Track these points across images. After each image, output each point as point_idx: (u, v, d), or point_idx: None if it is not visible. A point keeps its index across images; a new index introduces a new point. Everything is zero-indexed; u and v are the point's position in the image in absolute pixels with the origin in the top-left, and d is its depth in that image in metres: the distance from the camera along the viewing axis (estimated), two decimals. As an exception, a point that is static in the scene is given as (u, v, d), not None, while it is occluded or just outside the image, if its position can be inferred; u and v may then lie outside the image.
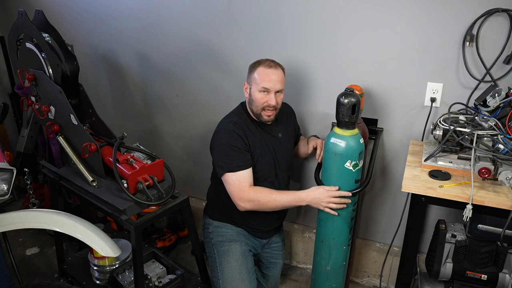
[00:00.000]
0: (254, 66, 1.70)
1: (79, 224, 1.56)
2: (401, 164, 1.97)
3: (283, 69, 1.72)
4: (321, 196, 1.60)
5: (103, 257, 1.95)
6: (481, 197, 1.37)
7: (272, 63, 1.69)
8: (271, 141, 1.77)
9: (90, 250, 1.98)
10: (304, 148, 1.95)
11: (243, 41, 2.09)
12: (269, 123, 1.77)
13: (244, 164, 1.66)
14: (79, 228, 1.55)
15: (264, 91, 1.67)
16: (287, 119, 1.90)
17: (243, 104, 1.81)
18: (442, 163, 1.57)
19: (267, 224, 1.88)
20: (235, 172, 1.65)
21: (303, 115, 2.11)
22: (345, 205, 1.61)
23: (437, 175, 1.51)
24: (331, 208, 1.62)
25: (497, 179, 1.39)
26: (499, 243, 1.58)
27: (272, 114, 1.71)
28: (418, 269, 1.89)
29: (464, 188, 1.42)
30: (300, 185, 2.29)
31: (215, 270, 1.83)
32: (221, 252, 1.82)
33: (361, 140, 1.59)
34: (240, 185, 1.65)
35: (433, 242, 1.74)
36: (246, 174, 1.66)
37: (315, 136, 1.95)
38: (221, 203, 1.86)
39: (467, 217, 1.37)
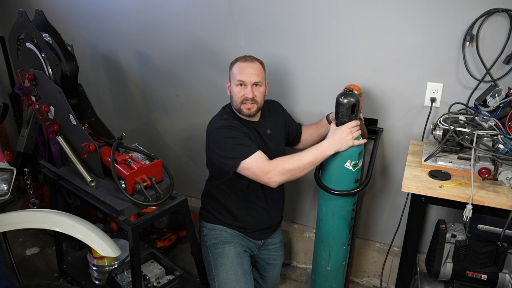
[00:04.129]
0: (232, 63, 1.72)
1: (79, 224, 1.56)
2: (401, 164, 1.96)
3: (261, 63, 1.72)
4: (343, 134, 1.52)
5: (102, 257, 1.96)
6: (481, 197, 1.37)
7: (249, 58, 1.70)
8: (260, 138, 1.77)
9: (89, 250, 1.98)
10: (322, 129, 1.90)
11: (243, 41, 2.09)
12: (252, 117, 1.75)
13: (253, 146, 1.62)
14: (79, 228, 1.55)
15: (240, 85, 1.67)
16: (275, 116, 1.88)
17: (226, 107, 1.81)
18: (442, 163, 1.57)
19: (259, 223, 1.87)
20: (249, 156, 1.58)
21: (302, 114, 2.10)
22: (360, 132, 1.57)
23: (437, 175, 1.51)
24: (357, 139, 1.54)
25: (497, 179, 1.38)
26: (499, 243, 1.57)
27: (252, 107, 1.69)
28: (418, 269, 1.89)
29: (464, 188, 1.42)
30: (300, 185, 2.29)
31: (211, 273, 1.82)
32: (216, 254, 1.81)
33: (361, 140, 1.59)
34: (258, 163, 1.57)
35: (433, 242, 1.74)
36: (259, 153, 1.60)
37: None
38: (213, 206, 1.86)
39: (467, 217, 1.36)
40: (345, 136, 1.53)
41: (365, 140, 1.59)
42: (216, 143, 1.66)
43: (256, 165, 1.57)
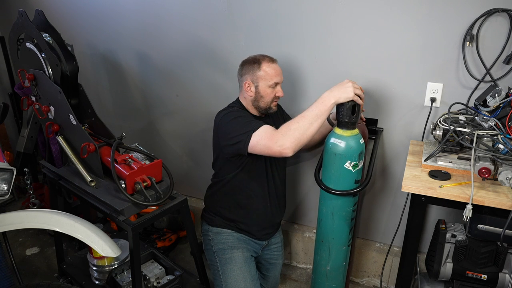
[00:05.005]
0: (255, 63, 1.70)
1: (79, 224, 1.56)
2: (401, 164, 1.96)
3: None
4: (343, 83, 1.51)
5: (102, 257, 1.96)
6: (481, 197, 1.37)
7: (271, 58, 1.74)
8: None
9: (89, 250, 1.98)
10: (322, 128, 1.85)
11: (243, 41, 2.09)
12: (261, 114, 1.80)
13: (261, 122, 1.62)
14: (79, 228, 1.56)
15: (275, 85, 1.72)
16: (275, 113, 1.89)
17: (234, 103, 1.81)
18: (442, 163, 1.57)
19: (269, 219, 1.87)
20: (258, 128, 1.56)
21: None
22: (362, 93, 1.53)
23: (437, 175, 1.51)
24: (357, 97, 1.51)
25: (497, 179, 1.38)
26: (499, 243, 1.57)
27: (277, 102, 1.79)
28: (418, 269, 1.89)
29: (464, 188, 1.42)
30: (301, 185, 2.29)
31: (218, 278, 1.82)
32: (224, 260, 1.81)
33: (361, 141, 1.59)
34: (267, 133, 1.54)
35: (433, 242, 1.74)
36: (267, 126, 1.58)
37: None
38: (222, 205, 1.85)
39: (467, 217, 1.36)
40: (345, 85, 1.49)
41: (361, 102, 1.52)
42: (227, 128, 1.65)
43: (265, 136, 1.54)
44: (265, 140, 1.53)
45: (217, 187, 1.87)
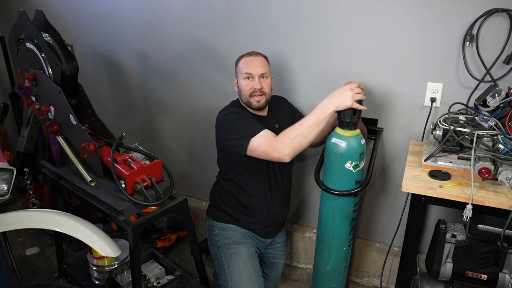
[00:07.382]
0: (238, 59, 1.77)
1: (79, 224, 1.56)
2: (401, 164, 1.96)
3: (265, 57, 1.78)
4: (342, 91, 1.50)
5: (102, 257, 1.96)
6: (481, 197, 1.37)
7: (254, 52, 1.76)
8: None
9: (89, 250, 1.98)
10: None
11: (243, 41, 2.09)
12: (261, 111, 1.78)
13: (260, 125, 1.63)
14: (79, 228, 1.55)
15: (248, 77, 1.71)
16: (281, 110, 1.91)
17: (234, 101, 1.83)
18: (442, 163, 1.57)
19: (272, 218, 1.88)
20: (257, 134, 1.59)
21: (303, 115, 2.10)
22: (363, 95, 1.52)
23: (437, 175, 1.51)
24: (358, 103, 1.50)
25: (497, 179, 1.38)
26: (499, 243, 1.57)
27: (261, 99, 1.72)
28: (418, 269, 1.89)
29: (464, 188, 1.42)
30: (301, 185, 2.29)
31: (223, 273, 1.82)
32: (229, 254, 1.81)
33: (363, 141, 1.59)
34: (266, 139, 1.57)
35: (433, 242, 1.74)
36: (266, 131, 1.60)
37: None
38: (225, 202, 1.86)
39: (467, 217, 1.36)
40: (344, 92, 1.49)
41: (364, 108, 1.53)
42: (226, 129, 1.67)
43: (265, 142, 1.56)
44: (264, 146, 1.56)
45: (221, 184, 1.88)
